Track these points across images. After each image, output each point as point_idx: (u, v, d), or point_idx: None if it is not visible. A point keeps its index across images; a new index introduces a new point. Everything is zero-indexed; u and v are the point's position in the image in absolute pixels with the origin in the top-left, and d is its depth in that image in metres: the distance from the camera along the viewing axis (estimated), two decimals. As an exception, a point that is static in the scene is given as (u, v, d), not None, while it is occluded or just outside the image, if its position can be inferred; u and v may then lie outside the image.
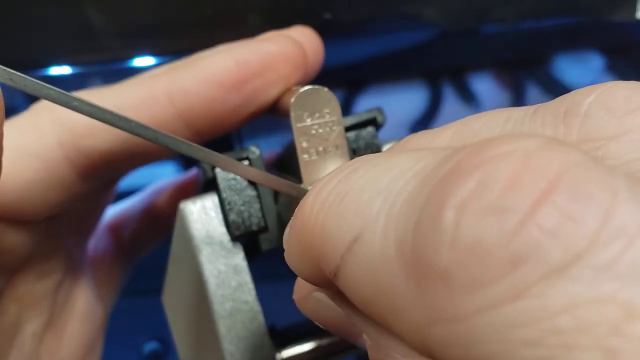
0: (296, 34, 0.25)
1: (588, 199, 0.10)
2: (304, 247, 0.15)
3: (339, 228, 0.14)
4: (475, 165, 0.11)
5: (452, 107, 0.52)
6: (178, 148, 0.19)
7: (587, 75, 0.52)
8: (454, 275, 0.11)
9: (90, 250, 0.31)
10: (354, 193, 0.14)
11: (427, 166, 0.13)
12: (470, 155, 0.12)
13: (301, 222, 0.15)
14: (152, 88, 0.23)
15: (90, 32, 0.28)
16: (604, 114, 0.15)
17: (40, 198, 0.24)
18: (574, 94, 0.16)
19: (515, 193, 0.11)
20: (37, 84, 0.17)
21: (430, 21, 0.30)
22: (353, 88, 0.50)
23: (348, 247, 0.13)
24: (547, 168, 0.11)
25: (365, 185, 0.14)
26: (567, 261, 0.10)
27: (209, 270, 0.22)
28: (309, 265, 0.15)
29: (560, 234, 0.10)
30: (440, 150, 0.13)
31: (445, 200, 0.11)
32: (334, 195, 0.14)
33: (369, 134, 0.24)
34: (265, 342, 0.23)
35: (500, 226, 0.11)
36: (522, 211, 0.11)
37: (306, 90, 0.21)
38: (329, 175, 0.16)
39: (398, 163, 0.14)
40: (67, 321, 0.29)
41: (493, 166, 0.11)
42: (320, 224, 0.14)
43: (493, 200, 0.11)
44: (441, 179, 0.12)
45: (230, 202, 0.23)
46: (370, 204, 0.13)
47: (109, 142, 0.23)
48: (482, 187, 0.11)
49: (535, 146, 0.11)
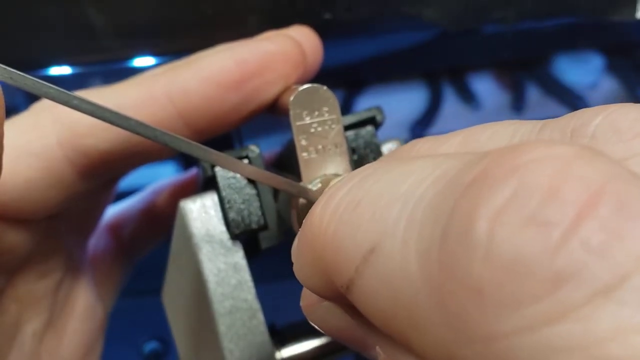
0: (295, 33, 0.25)
1: (633, 215, 0.10)
2: (313, 260, 0.14)
3: (353, 238, 0.13)
4: (509, 170, 0.11)
5: (452, 107, 0.52)
6: (178, 146, 0.19)
7: (587, 75, 0.52)
8: (487, 292, 0.10)
9: (90, 250, 0.31)
10: (368, 200, 0.13)
11: (448, 171, 0.12)
12: (501, 160, 0.11)
13: (310, 233, 0.15)
14: (152, 87, 0.23)
15: (91, 32, 0.28)
16: (611, 136, 0.14)
17: (40, 197, 0.24)
18: (582, 112, 0.15)
19: (556, 204, 0.10)
20: (37, 83, 0.17)
21: (430, 21, 0.30)
22: (353, 88, 0.50)
23: (364, 258, 0.12)
24: (588, 178, 0.10)
25: (380, 191, 0.13)
26: (614, 282, 0.09)
27: (208, 268, 0.22)
28: (319, 279, 0.15)
29: (606, 252, 0.10)
30: (462, 155, 0.12)
31: (477, 209, 0.11)
32: (346, 202, 0.14)
33: (368, 132, 0.24)
34: (265, 341, 0.23)
35: (542, 240, 0.10)
36: (564, 224, 0.10)
37: (305, 88, 0.21)
38: (338, 183, 0.15)
39: (415, 169, 0.13)
40: (67, 321, 0.29)
41: (530, 172, 0.10)
42: (332, 233, 0.14)
43: (532, 210, 0.10)
44: (469, 184, 0.11)
45: (230, 201, 0.23)
46: (388, 210, 0.12)
47: (109, 142, 0.23)
48: (519, 195, 0.10)
49: (572, 153, 0.11)
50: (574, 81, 0.53)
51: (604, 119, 0.15)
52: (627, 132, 0.14)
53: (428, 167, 0.13)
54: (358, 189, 0.14)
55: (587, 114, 0.15)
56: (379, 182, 0.13)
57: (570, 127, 0.15)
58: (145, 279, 0.33)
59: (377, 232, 0.12)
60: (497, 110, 0.53)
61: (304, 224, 0.15)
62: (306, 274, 0.15)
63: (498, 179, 0.11)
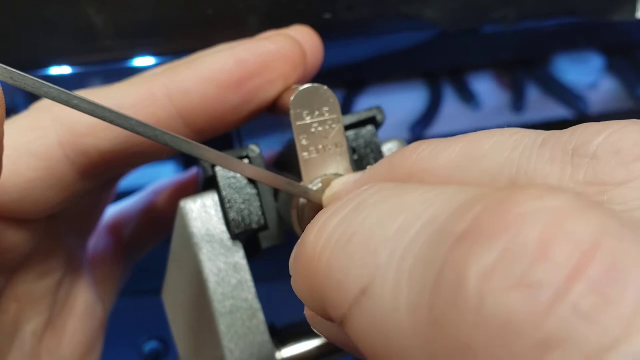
0: (295, 33, 0.25)
1: (625, 277, 0.10)
2: (308, 285, 0.15)
3: (346, 275, 0.13)
4: (498, 226, 0.10)
5: (452, 107, 0.52)
6: (178, 146, 0.19)
7: (587, 75, 0.52)
8: (476, 353, 0.10)
9: (90, 250, 0.31)
10: (360, 236, 0.13)
11: (439, 215, 0.12)
12: (491, 212, 0.11)
13: (305, 258, 0.15)
14: (152, 87, 0.23)
15: (91, 32, 0.28)
16: (612, 157, 0.14)
17: (40, 197, 0.24)
18: (585, 129, 0.15)
19: (546, 265, 0.10)
20: (38, 83, 0.17)
21: (430, 21, 0.30)
22: (353, 88, 0.50)
23: (356, 299, 0.13)
24: (580, 236, 0.10)
25: (372, 228, 0.13)
26: (604, 348, 0.09)
27: (209, 268, 0.22)
28: (314, 303, 0.15)
29: (596, 317, 0.09)
30: (453, 193, 0.12)
31: (467, 268, 0.10)
32: (339, 234, 0.14)
33: (368, 132, 0.24)
34: (265, 340, 0.23)
35: (531, 303, 0.10)
36: (554, 287, 0.10)
37: (306, 88, 0.21)
38: (333, 207, 0.15)
39: (406, 205, 0.13)
40: (67, 320, 0.29)
41: (519, 230, 0.10)
42: (326, 264, 0.14)
43: (522, 272, 0.10)
44: (459, 238, 0.11)
45: (231, 200, 0.23)
46: (379, 253, 0.12)
47: (109, 142, 0.23)
48: (509, 255, 0.10)
49: (564, 206, 0.10)
50: (573, 81, 0.53)
51: (605, 139, 0.14)
52: (628, 154, 0.14)
53: (418, 206, 0.13)
54: (351, 221, 0.14)
55: (589, 132, 0.15)
56: (371, 215, 0.13)
57: (572, 144, 0.15)
58: (145, 278, 0.33)
59: (368, 274, 0.12)
60: (497, 110, 0.53)
61: (299, 244, 0.16)
62: (302, 295, 0.15)
63: (488, 235, 0.10)
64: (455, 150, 0.17)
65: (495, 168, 0.16)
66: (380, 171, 0.19)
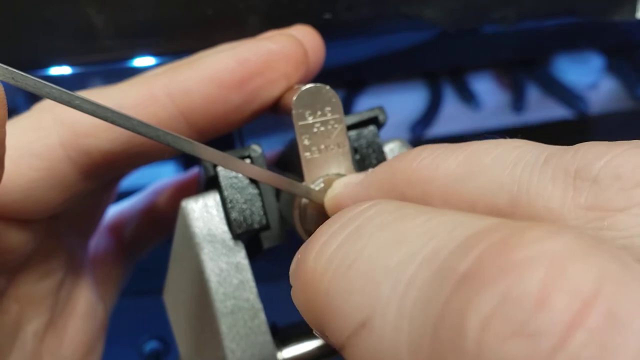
0: (297, 32, 0.25)
1: (625, 325, 0.09)
2: (308, 305, 0.15)
3: (346, 304, 0.13)
4: (499, 271, 0.10)
5: (452, 107, 0.52)
6: (180, 146, 0.19)
7: (587, 75, 0.52)
8: None
9: (91, 250, 0.31)
10: (360, 264, 0.13)
11: (439, 250, 0.12)
12: (492, 255, 0.11)
13: (304, 277, 0.15)
14: (154, 87, 0.23)
15: (91, 32, 0.28)
16: (612, 182, 0.14)
17: (42, 197, 0.24)
18: (588, 150, 0.15)
19: (545, 314, 0.10)
20: (39, 83, 0.17)
21: (430, 21, 0.30)
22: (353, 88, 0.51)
23: (355, 330, 0.13)
24: (579, 283, 0.10)
25: (372, 257, 0.13)
26: None
27: (210, 268, 0.22)
28: (313, 323, 0.15)
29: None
30: (454, 226, 0.12)
31: (467, 314, 0.10)
32: (339, 258, 0.14)
33: (370, 132, 0.24)
34: (266, 340, 0.23)
35: (531, 353, 0.10)
36: (554, 337, 0.10)
37: (308, 88, 0.21)
38: (332, 226, 0.15)
39: (406, 235, 0.13)
40: (68, 320, 0.29)
41: (519, 277, 0.10)
42: (325, 289, 0.14)
43: (521, 320, 0.10)
44: (460, 280, 0.11)
45: (232, 200, 0.23)
46: (380, 285, 0.12)
47: (110, 142, 0.23)
48: (509, 302, 0.10)
49: (565, 250, 0.10)
50: (573, 81, 0.53)
51: (607, 163, 0.14)
52: (628, 180, 0.14)
53: (419, 238, 0.13)
54: (351, 246, 0.14)
55: (592, 153, 0.15)
56: (371, 243, 0.13)
57: (574, 165, 0.15)
58: (146, 278, 0.33)
59: (368, 307, 0.12)
60: (497, 110, 0.53)
61: (298, 264, 0.16)
62: (301, 312, 0.15)
63: (488, 280, 0.10)
64: (455, 161, 0.17)
65: (495, 184, 0.16)
66: (381, 176, 0.18)
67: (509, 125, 0.52)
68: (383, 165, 0.19)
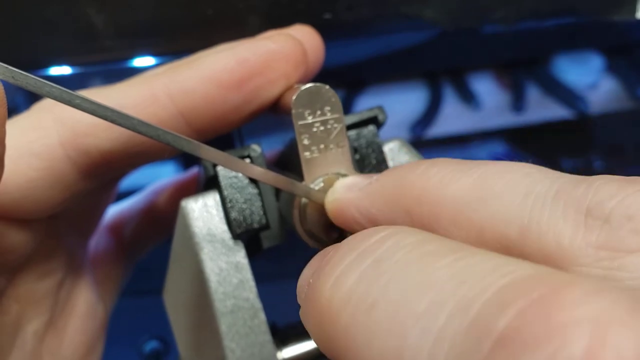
0: (296, 32, 0.25)
1: None
2: (322, 335, 0.14)
3: (368, 345, 0.13)
4: (542, 336, 0.10)
5: (452, 107, 0.52)
6: (180, 145, 0.19)
7: (587, 75, 0.52)
8: None
9: (91, 250, 0.31)
10: (384, 306, 0.13)
11: (472, 300, 0.12)
12: (534, 315, 0.11)
13: (318, 308, 0.15)
14: (153, 87, 0.23)
15: (91, 32, 0.28)
16: (625, 223, 0.14)
17: (41, 197, 0.24)
18: (600, 187, 0.15)
19: None
20: (39, 82, 0.17)
21: (430, 21, 0.30)
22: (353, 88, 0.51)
23: None
24: (623, 349, 0.10)
25: (396, 299, 0.13)
26: None
27: (210, 267, 0.22)
28: (327, 351, 0.14)
29: None
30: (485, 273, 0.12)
31: None
32: (359, 296, 0.13)
33: (370, 132, 0.24)
34: (266, 340, 0.23)
35: None
36: None
37: (307, 87, 0.21)
38: (349, 254, 0.15)
39: (433, 278, 0.13)
40: (68, 320, 0.29)
41: (564, 343, 0.10)
42: (344, 325, 0.13)
43: None
44: (500, 340, 0.11)
45: (232, 200, 0.23)
46: (407, 332, 0.12)
47: (110, 142, 0.23)
48: None
49: (606, 313, 0.10)
50: (573, 81, 0.53)
51: (619, 203, 0.14)
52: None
53: (448, 283, 0.12)
54: (372, 282, 0.13)
55: (604, 192, 0.15)
56: (394, 282, 0.13)
57: (586, 202, 0.15)
58: (145, 278, 0.33)
59: (394, 354, 0.12)
60: (497, 110, 0.53)
61: (311, 289, 0.15)
62: (312, 335, 0.15)
63: (532, 345, 0.10)
64: (465, 184, 0.16)
65: (505, 214, 0.15)
66: (388, 188, 0.18)
67: (509, 125, 0.53)
68: (390, 176, 0.18)
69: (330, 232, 0.21)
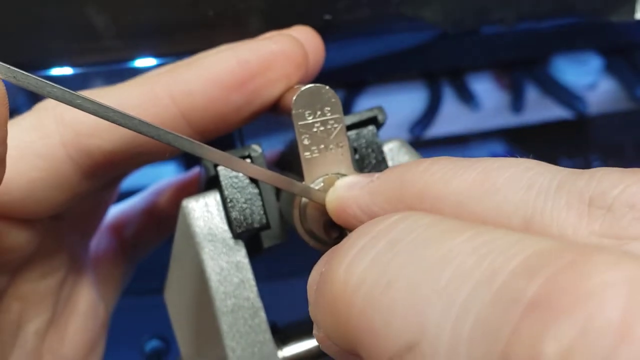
0: (297, 33, 0.25)
1: None
2: (336, 322, 0.14)
3: (387, 326, 0.12)
4: (576, 298, 0.10)
5: (451, 107, 0.52)
6: (181, 145, 0.19)
7: (586, 75, 0.52)
8: None
9: (93, 250, 0.31)
10: (402, 284, 0.12)
11: (497, 270, 0.11)
12: (565, 279, 0.10)
13: (332, 295, 0.14)
14: (155, 88, 0.23)
15: (92, 33, 0.28)
16: (627, 211, 0.14)
17: (43, 197, 0.24)
18: (603, 177, 0.15)
19: (630, 345, 0.09)
20: (40, 82, 0.17)
21: (430, 22, 0.30)
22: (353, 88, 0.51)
23: (398, 353, 0.12)
24: None
25: (415, 277, 0.12)
26: None
27: (211, 267, 0.23)
28: (341, 340, 0.14)
29: None
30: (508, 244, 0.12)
31: (543, 344, 0.10)
32: (374, 277, 0.13)
33: (369, 132, 0.24)
34: (266, 339, 0.23)
35: None
36: None
37: (308, 88, 0.21)
38: (361, 238, 0.14)
39: (453, 252, 0.12)
40: (70, 320, 0.29)
41: (600, 306, 0.10)
42: (360, 309, 0.13)
43: (605, 353, 0.09)
44: (529, 306, 0.10)
45: (233, 200, 0.23)
46: (428, 308, 0.12)
47: (112, 142, 0.24)
48: (590, 333, 0.09)
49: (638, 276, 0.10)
50: (572, 81, 0.53)
51: (621, 193, 0.14)
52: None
53: (469, 256, 0.12)
54: (387, 263, 0.13)
55: (607, 181, 0.15)
56: (411, 261, 0.13)
57: (589, 192, 0.15)
58: (146, 278, 0.33)
59: (415, 330, 0.12)
60: (496, 110, 0.53)
61: (323, 278, 0.15)
62: (325, 329, 0.15)
63: (564, 309, 0.10)
64: (468, 179, 0.16)
65: (509, 206, 0.15)
66: (389, 185, 0.18)
67: (508, 125, 0.53)
68: (391, 174, 0.18)
69: (330, 232, 0.22)
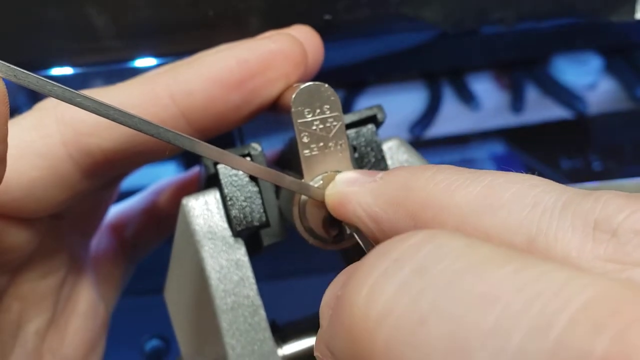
0: (296, 32, 0.25)
1: None
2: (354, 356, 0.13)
3: None
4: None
5: (451, 107, 0.52)
6: (181, 144, 0.19)
7: (586, 75, 0.53)
8: None
9: (93, 249, 0.31)
10: (439, 322, 0.11)
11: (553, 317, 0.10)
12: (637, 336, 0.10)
13: (351, 321, 0.13)
14: (155, 87, 0.23)
15: (92, 33, 0.28)
16: (632, 237, 0.14)
17: (43, 196, 0.24)
18: (608, 201, 0.14)
19: None
20: (41, 81, 0.17)
21: (429, 22, 0.30)
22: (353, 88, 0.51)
23: None
24: None
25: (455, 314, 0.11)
26: None
27: (210, 265, 0.23)
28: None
29: None
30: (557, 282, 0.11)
31: None
32: (404, 308, 0.12)
33: (369, 131, 0.24)
34: (266, 337, 0.23)
35: None
36: None
37: (307, 86, 0.21)
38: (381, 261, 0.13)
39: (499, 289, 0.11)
40: (70, 319, 0.29)
41: None
42: (384, 343, 0.12)
43: None
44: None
45: (232, 198, 0.23)
46: (473, 353, 0.11)
47: (112, 141, 0.24)
48: None
49: None
50: (572, 81, 0.53)
51: (627, 218, 0.14)
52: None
53: (516, 296, 0.11)
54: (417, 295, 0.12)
55: (612, 205, 0.14)
56: (449, 295, 0.12)
57: (594, 216, 0.14)
58: (146, 277, 0.33)
59: None
60: (496, 110, 0.53)
61: (340, 300, 0.14)
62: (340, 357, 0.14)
63: None
64: (473, 192, 0.16)
65: (513, 222, 0.15)
66: (393, 189, 0.18)
67: (508, 125, 0.53)
68: (395, 177, 0.18)
69: (329, 230, 0.22)
